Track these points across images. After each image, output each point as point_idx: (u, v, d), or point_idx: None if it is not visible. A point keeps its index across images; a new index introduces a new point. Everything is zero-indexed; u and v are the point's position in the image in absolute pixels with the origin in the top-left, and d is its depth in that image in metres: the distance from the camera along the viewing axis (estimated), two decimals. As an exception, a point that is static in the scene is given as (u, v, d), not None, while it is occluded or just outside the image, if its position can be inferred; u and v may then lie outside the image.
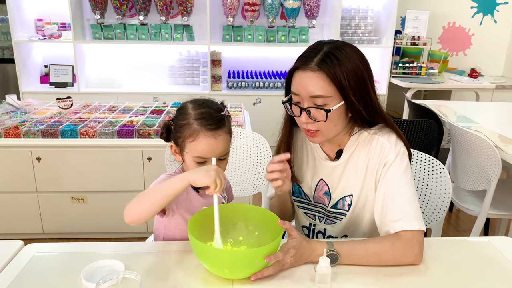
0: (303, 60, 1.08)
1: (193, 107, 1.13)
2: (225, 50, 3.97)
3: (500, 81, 4.03)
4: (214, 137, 1.09)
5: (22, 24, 3.68)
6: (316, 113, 1.08)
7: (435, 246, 1.15)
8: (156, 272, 1.01)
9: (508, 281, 1.01)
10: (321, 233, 1.29)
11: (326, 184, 1.23)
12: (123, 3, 3.68)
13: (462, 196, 2.18)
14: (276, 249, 0.99)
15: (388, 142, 1.12)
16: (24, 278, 0.99)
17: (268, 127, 1.19)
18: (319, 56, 1.06)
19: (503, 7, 4.41)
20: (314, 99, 1.06)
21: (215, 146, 1.10)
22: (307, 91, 1.06)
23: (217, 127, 1.09)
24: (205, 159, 1.11)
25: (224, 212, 1.09)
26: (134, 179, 2.41)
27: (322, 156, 1.23)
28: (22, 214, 2.43)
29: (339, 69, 1.04)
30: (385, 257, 1.04)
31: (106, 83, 3.86)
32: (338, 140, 1.19)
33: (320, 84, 1.05)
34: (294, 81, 1.10)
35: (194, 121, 1.10)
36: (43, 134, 2.32)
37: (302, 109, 1.09)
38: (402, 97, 3.84)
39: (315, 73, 1.05)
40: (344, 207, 1.21)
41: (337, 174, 1.21)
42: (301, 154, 1.28)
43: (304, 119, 1.09)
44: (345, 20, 3.97)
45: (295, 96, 1.10)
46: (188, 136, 1.10)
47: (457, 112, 2.70)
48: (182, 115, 1.13)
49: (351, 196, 1.20)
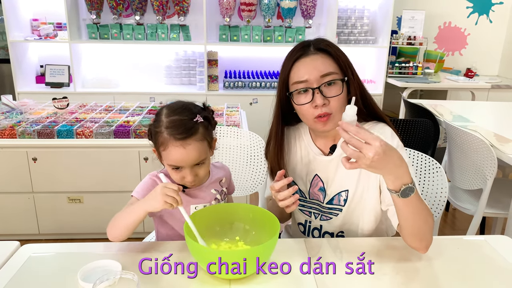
0: (300, 50, 1.14)
1: (166, 114, 1.11)
2: (221, 50, 3.96)
3: (495, 80, 4.05)
4: (183, 147, 1.07)
5: (18, 24, 3.66)
6: (328, 91, 1.11)
7: (432, 245, 1.15)
8: (152, 273, 1.01)
9: (505, 279, 1.01)
10: (317, 229, 1.29)
11: (321, 180, 1.24)
12: (119, 3, 3.67)
13: (458, 195, 2.19)
14: (272, 249, 0.99)
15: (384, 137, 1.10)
16: (20, 279, 0.98)
17: (265, 126, 1.19)
18: (313, 44, 1.15)
19: (498, 7, 4.43)
20: (324, 77, 1.11)
21: (186, 156, 1.08)
22: (318, 71, 1.11)
23: (186, 136, 1.07)
24: (179, 166, 1.10)
25: (221, 211, 1.09)
26: (131, 179, 2.40)
27: (316, 151, 1.24)
28: (18, 214, 2.42)
29: (336, 50, 1.14)
30: (428, 224, 1.03)
31: (102, 83, 3.85)
32: (333, 133, 1.21)
33: (328, 62, 1.13)
34: (297, 69, 1.13)
35: (164, 130, 1.08)
36: (39, 134, 2.31)
37: (315, 89, 1.11)
38: (398, 96, 3.85)
39: (319, 54, 1.13)
40: (340, 202, 1.22)
41: (332, 169, 1.21)
42: (295, 151, 1.28)
43: (319, 100, 1.10)
44: (341, 20, 3.97)
45: (301, 84, 1.13)
46: (160, 145, 1.10)
47: (453, 112, 2.71)
48: (156, 121, 1.12)
49: (347, 191, 1.20)
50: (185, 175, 1.11)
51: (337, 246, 1.15)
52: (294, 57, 1.14)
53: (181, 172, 1.11)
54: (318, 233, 1.29)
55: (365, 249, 1.14)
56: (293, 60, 1.14)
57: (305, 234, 1.32)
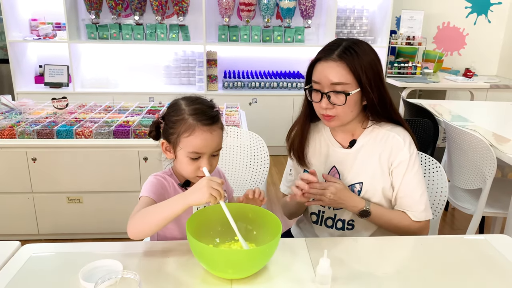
0: (325, 52, 1.21)
1: (186, 103, 1.14)
2: (220, 50, 3.96)
3: (494, 80, 4.06)
4: (210, 132, 1.11)
5: (17, 24, 3.66)
6: (335, 98, 1.20)
7: (432, 244, 1.16)
8: (154, 272, 1.01)
9: (505, 278, 1.02)
10: (331, 218, 1.35)
11: (338, 172, 1.31)
12: (118, 3, 3.67)
13: (458, 195, 2.19)
14: (274, 249, 0.99)
15: (404, 142, 1.25)
16: (21, 279, 0.98)
17: (264, 126, 1.21)
18: (339, 49, 1.19)
19: (497, 7, 4.44)
20: (334, 86, 1.18)
21: (210, 141, 1.11)
22: (329, 79, 1.18)
23: (212, 123, 1.12)
24: (199, 155, 1.11)
25: (221, 211, 1.09)
26: (130, 179, 2.40)
27: (335, 144, 1.32)
28: (18, 214, 2.41)
29: (358, 60, 1.18)
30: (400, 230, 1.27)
31: (101, 83, 3.85)
32: (351, 129, 1.30)
33: (341, 73, 1.18)
34: (316, 70, 1.22)
35: (189, 116, 1.11)
36: (38, 134, 2.31)
37: (323, 94, 1.20)
38: (397, 96, 3.86)
39: (336, 63, 1.18)
40: (355, 193, 1.28)
41: (349, 161, 1.29)
42: (314, 145, 1.36)
43: (324, 104, 1.20)
44: (340, 20, 3.98)
45: (316, 84, 1.22)
46: (184, 132, 1.10)
47: (452, 111, 2.71)
48: (175, 111, 1.14)
49: (361, 183, 1.28)
50: (203, 163, 1.11)
51: (338, 245, 1.15)
52: (317, 57, 1.23)
53: (198, 161, 1.12)
54: (332, 222, 1.35)
55: (366, 248, 1.15)
56: (315, 60, 1.23)
57: (318, 223, 1.37)
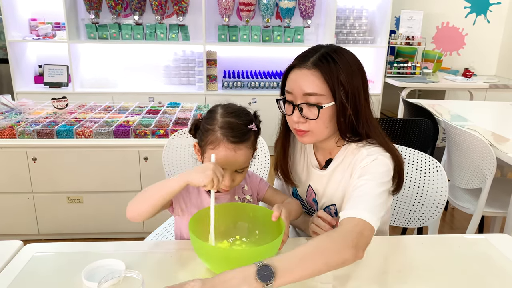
0: (300, 59, 1.09)
1: (222, 114, 1.09)
2: (220, 50, 3.96)
3: (493, 80, 4.07)
4: (234, 151, 1.06)
5: (16, 23, 3.66)
6: (308, 112, 1.07)
7: (432, 243, 1.16)
8: (156, 271, 1.01)
9: (506, 277, 1.02)
10: None
11: (314, 192, 1.24)
12: (118, 3, 3.67)
13: (457, 194, 2.20)
14: (276, 249, 1.00)
15: (368, 153, 1.09)
16: (24, 278, 0.98)
17: (264, 126, 1.19)
18: (316, 55, 1.07)
19: (496, 7, 4.45)
20: (307, 97, 1.06)
21: (233, 160, 1.07)
22: (301, 88, 1.06)
23: (239, 141, 1.06)
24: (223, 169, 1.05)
25: (225, 211, 1.10)
26: (131, 179, 2.40)
27: (313, 163, 1.24)
28: (18, 215, 2.41)
29: (335, 69, 1.04)
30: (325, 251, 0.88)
31: (101, 83, 3.85)
32: (329, 147, 1.19)
33: (315, 82, 1.05)
34: (289, 79, 1.10)
35: (218, 129, 1.06)
36: (38, 134, 2.31)
37: (295, 106, 1.08)
38: (397, 96, 3.87)
39: (310, 71, 1.05)
40: (331, 215, 1.20)
41: (323, 183, 1.21)
42: (299, 158, 1.28)
43: (295, 117, 1.09)
44: (340, 20, 3.98)
45: (289, 95, 1.10)
46: (210, 143, 1.08)
47: (451, 111, 2.72)
48: (210, 119, 1.10)
49: (335, 205, 1.21)
50: (224, 178, 1.05)
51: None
52: (291, 64, 1.11)
53: None
54: None
55: (367, 247, 1.15)
56: (290, 67, 1.11)
57: None
